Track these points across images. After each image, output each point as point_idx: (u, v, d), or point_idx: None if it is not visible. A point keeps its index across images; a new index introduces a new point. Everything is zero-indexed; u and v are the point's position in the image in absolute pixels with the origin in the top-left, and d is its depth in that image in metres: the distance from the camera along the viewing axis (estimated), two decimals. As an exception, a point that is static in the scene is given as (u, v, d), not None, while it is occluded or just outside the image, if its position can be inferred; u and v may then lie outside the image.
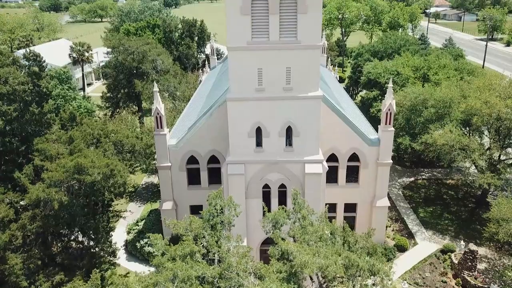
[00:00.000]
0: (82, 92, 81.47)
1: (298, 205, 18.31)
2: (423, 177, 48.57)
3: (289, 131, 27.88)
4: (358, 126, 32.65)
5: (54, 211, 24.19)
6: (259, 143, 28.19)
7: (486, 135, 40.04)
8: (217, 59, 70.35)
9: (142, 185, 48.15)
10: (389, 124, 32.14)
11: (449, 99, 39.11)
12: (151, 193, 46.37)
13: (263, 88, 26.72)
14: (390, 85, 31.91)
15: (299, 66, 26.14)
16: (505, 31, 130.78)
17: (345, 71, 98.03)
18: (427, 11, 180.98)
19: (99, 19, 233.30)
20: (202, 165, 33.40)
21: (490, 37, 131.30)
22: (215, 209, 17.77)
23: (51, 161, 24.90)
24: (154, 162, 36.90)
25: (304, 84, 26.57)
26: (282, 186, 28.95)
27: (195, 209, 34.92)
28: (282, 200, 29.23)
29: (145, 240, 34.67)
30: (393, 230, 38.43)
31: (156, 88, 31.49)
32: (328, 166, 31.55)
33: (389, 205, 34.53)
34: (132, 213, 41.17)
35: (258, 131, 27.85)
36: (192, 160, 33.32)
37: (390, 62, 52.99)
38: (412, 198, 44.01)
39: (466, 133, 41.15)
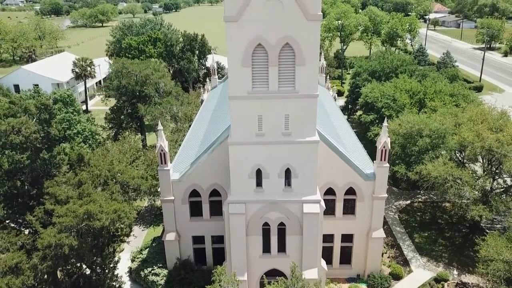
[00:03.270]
0: (84, 106, 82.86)
1: (295, 278, 19.63)
2: (419, 199, 49.76)
3: (288, 172, 29.12)
4: (354, 161, 33.86)
5: (64, 254, 25.46)
6: (259, 184, 29.45)
7: (481, 162, 41.15)
8: (218, 73, 71.56)
9: (145, 207, 49.39)
10: (384, 160, 33.39)
11: (444, 129, 40.34)
12: (154, 216, 47.60)
13: (263, 133, 27.99)
14: (385, 123, 33.14)
15: (297, 113, 27.40)
16: (502, 40, 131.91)
17: (344, 83, 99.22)
18: (426, 17, 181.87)
19: (100, 24, 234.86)
20: (204, 198, 34.66)
21: (488, 46, 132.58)
22: (219, 285, 19.05)
23: (61, 205, 26.16)
24: (158, 192, 38.11)
25: (302, 130, 27.83)
26: (282, 224, 30.23)
27: (197, 240, 36.41)
28: (281, 237, 30.62)
29: (149, 269, 36.07)
30: (389, 257, 39.66)
31: (160, 127, 32.76)
32: (326, 199, 32.96)
33: (384, 236, 35.73)
34: (135, 237, 42.30)
35: (258, 172, 29.11)
36: (194, 193, 34.58)
37: (386, 85, 54.12)
38: (408, 222, 45.22)
39: (461, 159, 42.32)
